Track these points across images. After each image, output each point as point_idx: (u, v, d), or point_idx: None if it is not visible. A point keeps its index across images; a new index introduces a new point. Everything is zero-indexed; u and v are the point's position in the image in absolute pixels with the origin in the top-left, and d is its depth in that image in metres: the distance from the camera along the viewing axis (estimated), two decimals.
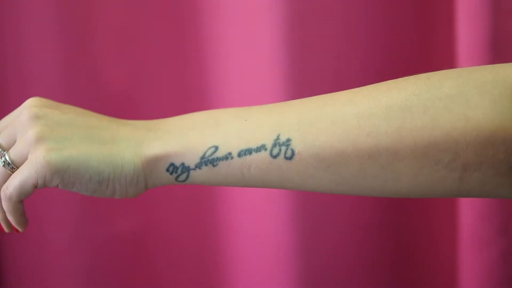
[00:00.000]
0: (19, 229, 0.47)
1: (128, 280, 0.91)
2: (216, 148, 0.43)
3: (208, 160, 0.43)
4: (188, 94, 0.88)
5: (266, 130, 0.43)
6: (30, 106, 0.45)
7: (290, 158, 0.41)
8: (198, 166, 0.43)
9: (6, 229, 0.47)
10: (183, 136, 0.44)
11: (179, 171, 0.44)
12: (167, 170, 0.44)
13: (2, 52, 0.86)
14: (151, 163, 0.44)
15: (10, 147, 0.45)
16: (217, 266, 0.91)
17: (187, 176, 0.44)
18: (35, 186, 0.44)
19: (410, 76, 0.42)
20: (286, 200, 0.83)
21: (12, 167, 0.44)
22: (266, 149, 0.42)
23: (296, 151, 0.41)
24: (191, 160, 0.43)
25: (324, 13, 0.81)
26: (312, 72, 0.81)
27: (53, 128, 0.44)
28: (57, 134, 0.44)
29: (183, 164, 0.43)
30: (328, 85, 0.82)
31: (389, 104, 0.40)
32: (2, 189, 0.44)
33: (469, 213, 0.76)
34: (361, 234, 0.87)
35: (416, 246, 0.88)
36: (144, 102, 0.87)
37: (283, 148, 0.41)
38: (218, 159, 0.43)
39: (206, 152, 0.43)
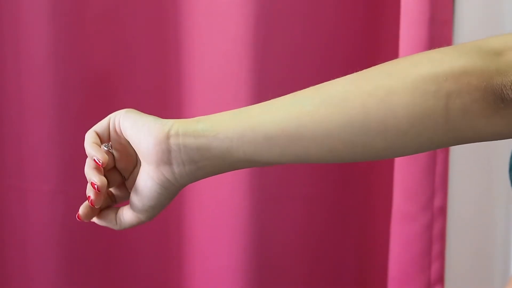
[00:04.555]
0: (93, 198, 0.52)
1: None
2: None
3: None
4: (165, 79, 0.95)
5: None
6: None
7: None
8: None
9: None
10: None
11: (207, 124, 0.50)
12: (197, 122, 0.50)
13: None
14: (183, 123, 0.51)
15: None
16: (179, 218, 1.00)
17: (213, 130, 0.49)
18: (108, 120, 0.53)
19: None
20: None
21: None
22: None
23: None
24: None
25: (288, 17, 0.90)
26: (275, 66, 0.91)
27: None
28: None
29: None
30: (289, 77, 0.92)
31: (383, 64, 0.50)
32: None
33: (399, 193, 0.86)
34: (310, 209, 0.96)
35: (356, 220, 0.98)
36: (124, 84, 0.95)
37: None
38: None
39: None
